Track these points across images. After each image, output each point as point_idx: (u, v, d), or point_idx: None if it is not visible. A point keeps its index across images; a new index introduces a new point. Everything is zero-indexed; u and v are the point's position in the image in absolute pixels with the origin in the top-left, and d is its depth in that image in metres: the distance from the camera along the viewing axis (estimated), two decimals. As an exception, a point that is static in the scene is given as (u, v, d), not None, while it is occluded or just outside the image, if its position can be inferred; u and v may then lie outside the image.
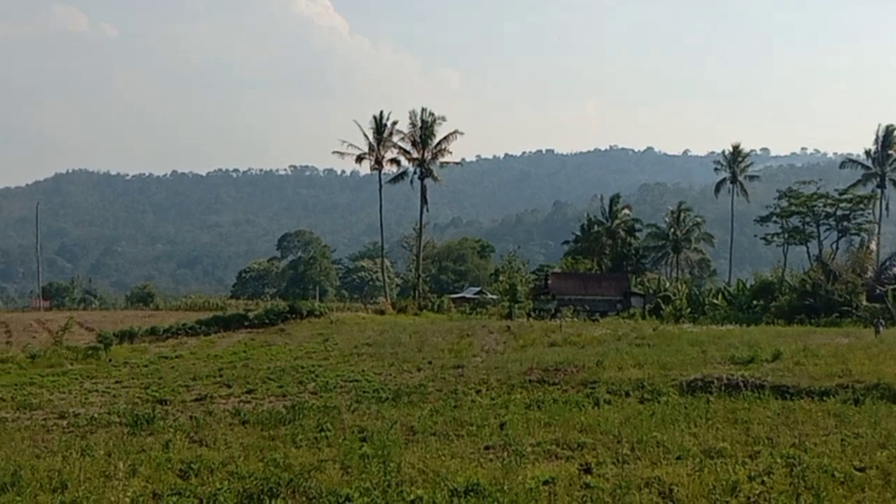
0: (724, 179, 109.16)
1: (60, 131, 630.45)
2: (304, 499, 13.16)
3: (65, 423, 23.61)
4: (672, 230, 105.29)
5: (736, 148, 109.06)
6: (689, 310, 69.74)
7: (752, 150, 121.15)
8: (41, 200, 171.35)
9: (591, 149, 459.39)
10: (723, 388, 25.13)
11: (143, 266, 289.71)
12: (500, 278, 79.17)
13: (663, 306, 72.56)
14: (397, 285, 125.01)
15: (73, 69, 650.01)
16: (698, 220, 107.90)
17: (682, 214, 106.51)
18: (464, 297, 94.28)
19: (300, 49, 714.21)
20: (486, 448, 17.46)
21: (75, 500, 12.73)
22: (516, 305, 68.30)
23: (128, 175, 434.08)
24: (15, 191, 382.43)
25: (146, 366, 39.11)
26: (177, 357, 42.06)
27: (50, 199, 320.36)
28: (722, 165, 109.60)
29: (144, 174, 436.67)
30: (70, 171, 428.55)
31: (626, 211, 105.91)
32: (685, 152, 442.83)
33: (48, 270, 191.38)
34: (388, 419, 21.14)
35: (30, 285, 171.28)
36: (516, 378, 29.74)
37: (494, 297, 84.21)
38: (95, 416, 24.38)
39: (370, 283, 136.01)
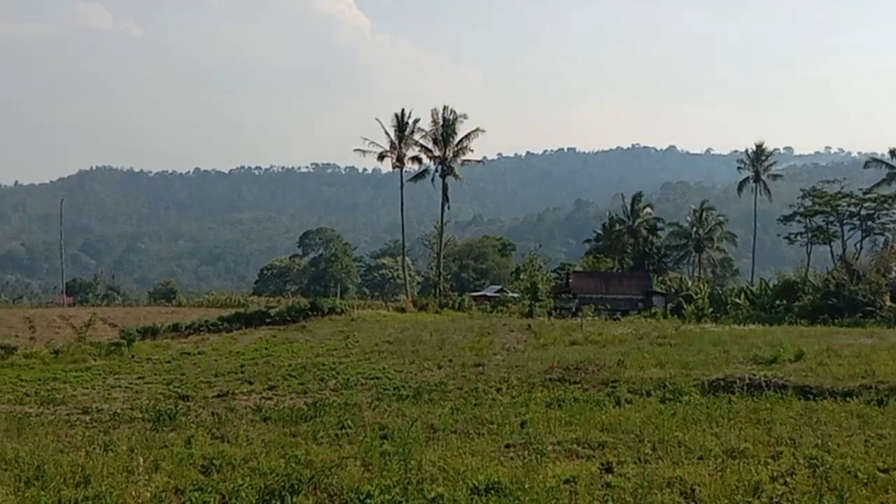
0: (747, 178, 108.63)
1: (85, 128, 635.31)
2: (325, 495, 13.20)
3: (88, 418, 23.77)
4: (694, 229, 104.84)
5: (759, 146, 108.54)
6: (711, 309, 69.34)
7: (775, 149, 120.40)
8: (65, 197, 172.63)
9: (613, 147, 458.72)
10: (745, 388, 24.95)
11: (165, 263, 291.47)
12: (521, 276, 79.12)
13: (685, 305, 72.21)
14: (418, 283, 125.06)
15: (97, 66, 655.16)
16: (721, 219, 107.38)
17: (705, 213, 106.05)
18: (485, 296, 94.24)
19: (322, 47, 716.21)
20: (507, 446, 17.44)
21: (98, 495, 12.81)
22: (537, 304, 68.18)
23: (151, 172, 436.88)
24: (39, 187, 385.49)
25: (168, 362, 39.37)
26: (199, 353, 42.27)
27: (74, 195, 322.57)
28: (745, 164, 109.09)
29: (168, 171, 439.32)
30: (94, 168, 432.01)
31: (648, 210, 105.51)
32: (708, 151, 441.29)
33: (72, 267, 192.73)
34: (409, 417, 21.15)
35: (54, 281, 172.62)
36: (537, 376, 29.68)
37: (515, 295, 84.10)
38: (118, 411, 24.55)
39: (391, 280, 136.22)
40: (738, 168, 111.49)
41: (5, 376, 34.88)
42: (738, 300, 73.95)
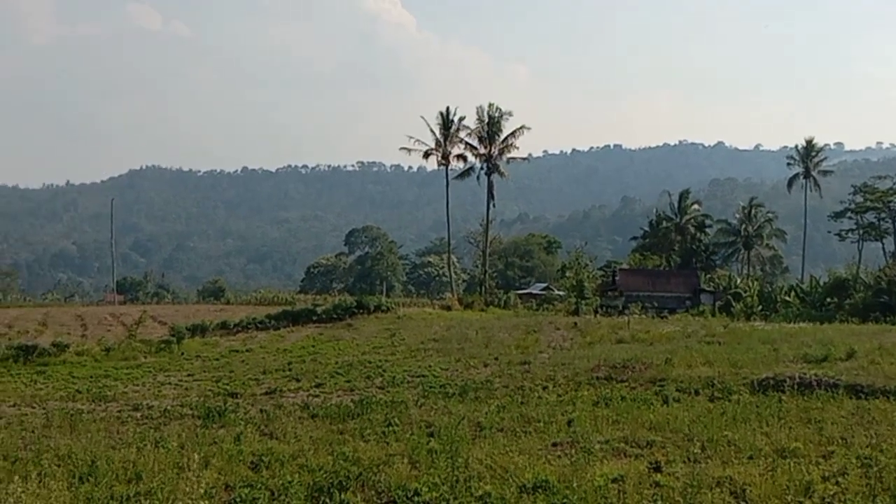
0: (796, 174, 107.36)
1: (135, 128, 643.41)
2: (373, 492, 13.27)
3: (139, 415, 24.12)
4: (743, 226, 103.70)
5: (809, 142, 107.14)
6: (760, 307, 68.59)
7: (825, 145, 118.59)
8: (116, 196, 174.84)
9: (660, 143, 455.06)
10: (795, 386, 24.63)
11: (214, 261, 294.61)
12: (567, 274, 78.70)
13: (734, 303, 71.47)
14: (464, 281, 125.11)
15: (146, 67, 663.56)
16: (770, 215, 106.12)
17: (754, 210, 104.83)
18: (530, 294, 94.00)
19: (368, 46, 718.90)
20: (554, 445, 17.41)
21: (150, 491, 13.01)
22: (583, 302, 67.84)
23: (200, 171, 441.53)
24: (91, 187, 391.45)
25: (217, 359, 39.79)
26: (247, 351, 42.66)
27: (124, 195, 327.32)
28: (795, 160, 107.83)
29: (216, 170, 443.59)
30: (144, 167, 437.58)
31: (696, 206, 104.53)
32: (757, 147, 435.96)
33: (122, 265, 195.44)
34: (456, 415, 21.19)
35: (105, 280, 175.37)
36: (583, 375, 29.56)
37: (561, 293, 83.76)
38: (168, 408, 24.88)
39: (437, 278, 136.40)
40: (788, 164, 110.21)
41: (58, 373, 35.55)
42: (787, 298, 73.10)
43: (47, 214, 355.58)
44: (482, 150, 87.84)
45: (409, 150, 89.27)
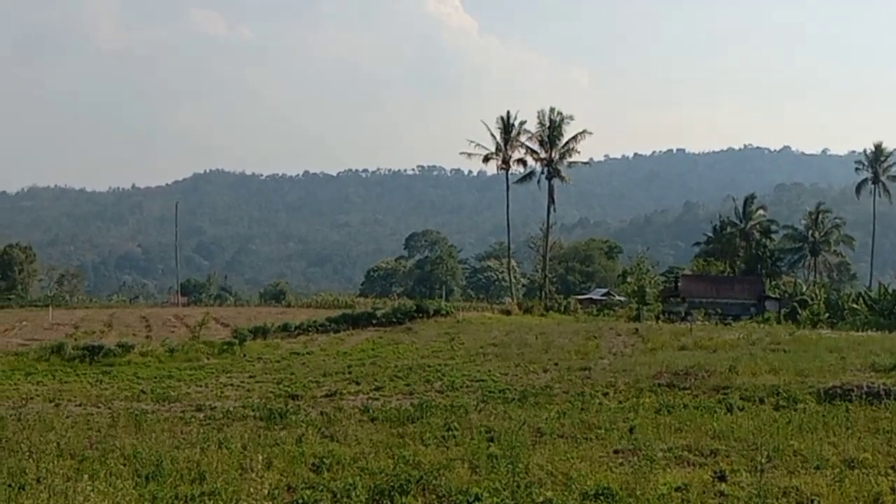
0: (865, 180, 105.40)
1: (198, 132, 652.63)
2: (433, 497, 13.26)
3: (202, 415, 24.39)
4: (810, 232, 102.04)
5: (878, 147, 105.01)
6: (827, 315, 67.33)
7: (895, 149, 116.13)
8: (180, 200, 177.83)
9: (725, 148, 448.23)
10: (863, 396, 24.10)
11: (275, 264, 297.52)
12: (629, 280, 78.10)
13: (800, 311, 70.26)
14: (523, 286, 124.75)
15: (210, 71, 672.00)
16: (838, 221, 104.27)
17: (821, 216, 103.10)
18: (591, 299, 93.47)
19: (429, 49, 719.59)
20: (616, 452, 17.25)
21: (214, 491, 13.14)
22: (645, 307, 67.28)
23: (262, 175, 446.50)
24: (156, 190, 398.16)
25: (278, 361, 40.18)
26: (307, 353, 43.01)
27: (188, 198, 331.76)
28: (863, 165, 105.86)
29: (278, 174, 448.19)
30: (207, 171, 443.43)
31: (761, 212, 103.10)
32: (824, 151, 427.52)
33: (186, 267, 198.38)
34: (516, 420, 21.10)
35: (169, 281, 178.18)
36: (645, 381, 29.25)
37: (622, 298, 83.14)
38: (231, 409, 25.13)
39: (496, 283, 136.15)
40: (856, 169, 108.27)
41: (123, 374, 36.17)
42: (855, 305, 71.55)
43: (113, 217, 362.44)
44: (543, 155, 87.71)
45: (470, 155, 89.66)
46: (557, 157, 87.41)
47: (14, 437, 18.89)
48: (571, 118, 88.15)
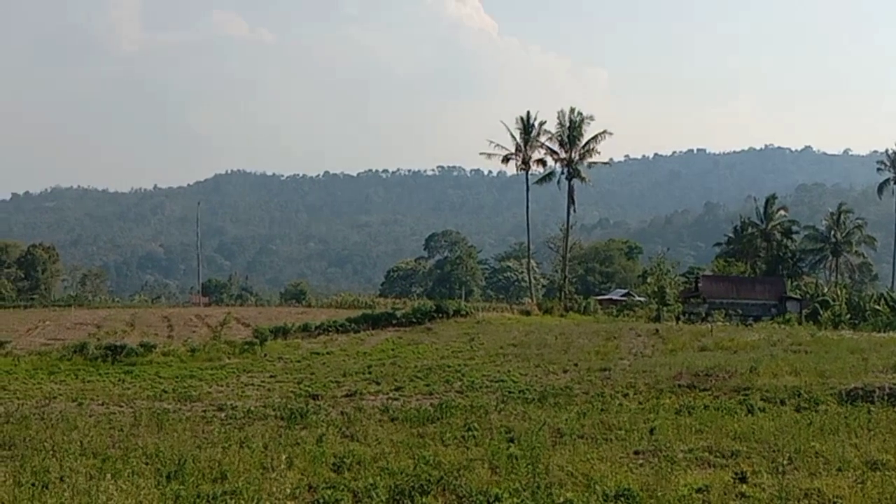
0: (887, 180, 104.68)
1: (220, 133, 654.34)
2: (454, 497, 13.28)
3: (223, 415, 24.56)
4: (831, 233, 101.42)
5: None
6: (848, 316, 66.89)
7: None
8: (202, 200, 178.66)
9: (745, 148, 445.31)
10: (885, 397, 24.01)
11: (296, 264, 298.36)
12: (649, 280, 77.76)
13: (821, 312, 69.82)
14: (543, 286, 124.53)
15: (231, 72, 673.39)
16: (859, 222, 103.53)
17: (843, 216, 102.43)
18: (610, 299, 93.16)
19: (449, 51, 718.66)
20: (636, 453, 17.24)
21: (235, 491, 13.21)
22: (665, 308, 67.01)
23: (283, 175, 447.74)
24: (177, 191, 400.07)
25: (299, 361, 40.34)
26: (328, 353, 43.15)
27: (210, 198, 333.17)
28: (886, 165, 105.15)
29: (298, 175, 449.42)
30: (229, 171, 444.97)
31: (782, 212, 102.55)
32: (846, 151, 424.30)
33: (207, 267, 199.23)
34: (536, 420, 21.10)
35: (190, 282, 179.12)
36: (665, 382, 29.21)
37: (642, 299, 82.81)
38: (252, 408, 25.28)
39: (516, 283, 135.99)
40: (878, 169, 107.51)
41: (145, 373, 36.43)
42: (877, 306, 71.03)
43: (135, 217, 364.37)
44: (563, 155, 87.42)
45: (489, 155, 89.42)
46: (577, 157, 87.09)
47: (37, 436, 19.08)
48: (592, 118, 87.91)
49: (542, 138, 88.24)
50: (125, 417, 23.82)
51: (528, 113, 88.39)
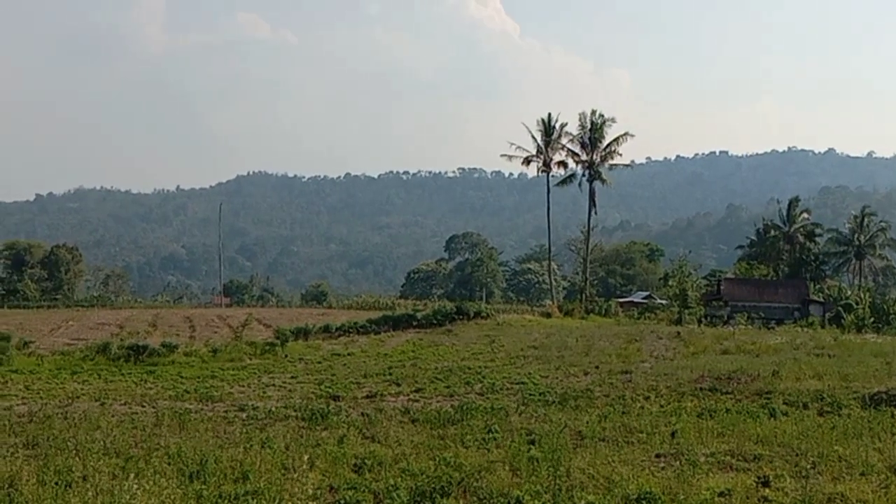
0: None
1: (242, 134, 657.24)
2: (474, 499, 13.28)
3: (244, 415, 24.63)
4: (855, 236, 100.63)
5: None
6: (872, 319, 66.39)
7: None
8: (223, 201, 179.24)
9: (768, 150, 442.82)
10: (909, 402, 23.77)
11: (317, 265, 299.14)
12: (670, 283, 77.48)
13: (844, 315, 69.30)
14: (564, 288, 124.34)
15: (255, 75, 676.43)
16: (884, 225, 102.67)
17: (866, 219, 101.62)
18: (632, 302, 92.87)
19: (470, 52, 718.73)
20: (658, 456, 17.17)
21: (257, 491, 13.25)
22: (687, 311, 66.78)
23: (304, 177, 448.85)
24: (199, 192, 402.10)
25: (319, 362, 40.45)
26: (348, 354, 43.23)
27: (232, 200, 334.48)
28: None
29: (320, 176, 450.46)
30: (250, 173, 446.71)
31: (806, 215, 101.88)
32: (870, 154, 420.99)
33: (229, 268, 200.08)
34: (556, 423, 21.06)
35: (212, 282, 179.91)
36: (687, 385, 29.09)
37: (664, 301, 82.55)
38: (273, 409, 25.35)
39: (536, 285, 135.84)
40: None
41: (167, 373, 36.62)
42: (901, 310, 70.45)
43: (158, 218, 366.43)
44: (584, 157, 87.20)
45: (510, 157, 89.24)
46: (599, 159, 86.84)
47: (61, 436, 19.21)
48: (613, 120, 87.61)
49: (564, 140, 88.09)
50: (147, 417, 23.93)
51: (550, 115, 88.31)
